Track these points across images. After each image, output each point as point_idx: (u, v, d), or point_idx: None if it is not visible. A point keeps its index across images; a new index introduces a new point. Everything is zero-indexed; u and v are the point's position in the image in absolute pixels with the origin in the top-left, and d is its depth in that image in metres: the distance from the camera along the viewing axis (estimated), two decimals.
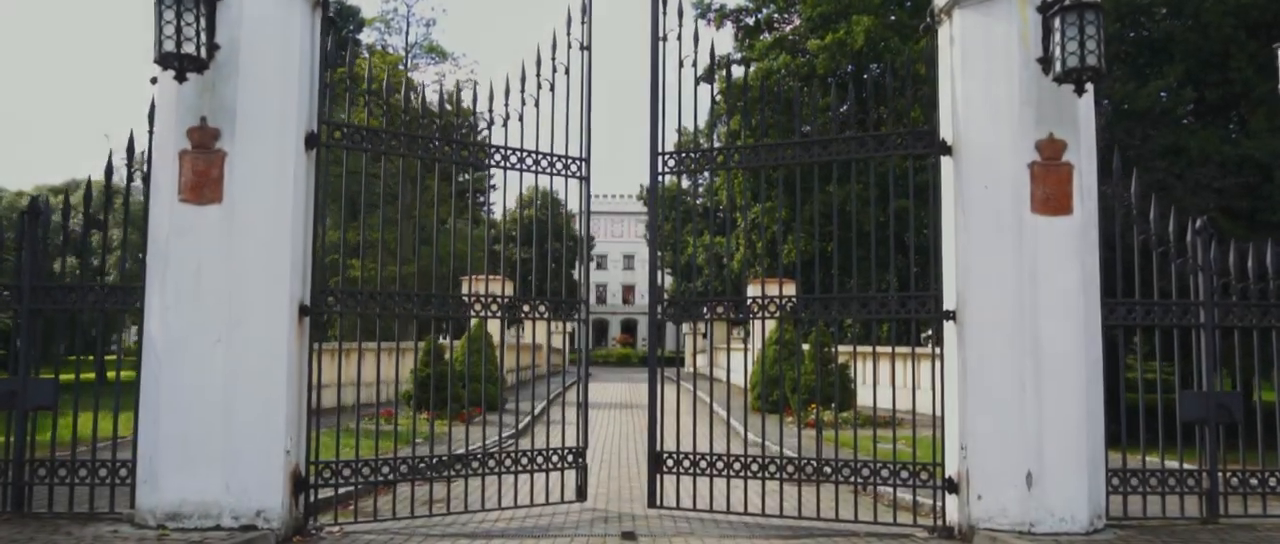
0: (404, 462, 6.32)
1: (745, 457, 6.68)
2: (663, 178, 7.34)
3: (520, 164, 7.03)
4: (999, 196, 5.93)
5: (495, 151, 7.03)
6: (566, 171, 7.23)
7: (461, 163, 6.89)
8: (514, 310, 7.00)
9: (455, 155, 6.83)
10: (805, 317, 6.86)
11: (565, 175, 7.24)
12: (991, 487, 5.80)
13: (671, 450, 6.92)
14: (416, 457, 6.38)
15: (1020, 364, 5.79)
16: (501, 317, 6.94)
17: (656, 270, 7.39)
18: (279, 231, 5.83)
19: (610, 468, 9.68)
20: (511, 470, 6.71)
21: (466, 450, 6.60)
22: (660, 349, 7.24)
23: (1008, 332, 5.84)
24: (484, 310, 6.88)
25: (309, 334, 6.07)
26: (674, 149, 7.35)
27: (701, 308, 7.07)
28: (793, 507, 6.74)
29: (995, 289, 5.90)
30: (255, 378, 5.71)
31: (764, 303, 6.82)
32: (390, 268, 18.84)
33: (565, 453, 6.98)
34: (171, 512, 5.55)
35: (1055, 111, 5.89)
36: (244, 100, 5.78)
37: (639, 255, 75.98)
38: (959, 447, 5.98)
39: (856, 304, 6.54)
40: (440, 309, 6.82)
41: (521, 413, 15.40)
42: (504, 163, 7.01)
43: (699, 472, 6.77)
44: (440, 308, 6.84)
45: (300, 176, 5.99)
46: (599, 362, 56.81)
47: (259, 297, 5.77)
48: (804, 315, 6.85)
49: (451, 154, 6.80)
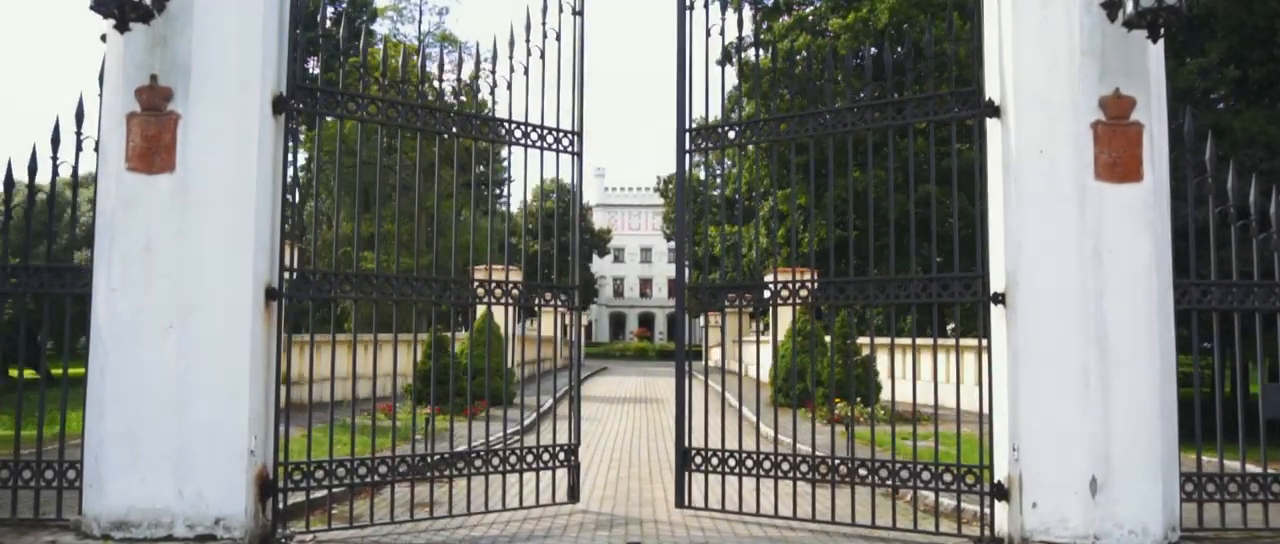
0: (383, 462, 5.67)
1: (775, 455, 6.04)
2: (690, 156, 6.70)
3: (508, 136, 6.37)
4: (1057, 162, 5.18)
5: (480, 122, 6.36)
6: (557, 146, 6.56)
7: (445, 132, 6.21)
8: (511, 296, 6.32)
9: (439, 124, 6.16)
10: (834, 303, 6.13)
11: (556, 150, 6.57)
12: (1049, 493, 5.06)
13: (700, 447, 6.31)
14: (396, 456, 5.73)
15: (1083, 353, 5.05)
16: (490, 304, 6.27)
17: (685, 255, 6.71)
18: (241, 205, 5.19)
19: (620, 467, 9.01)
20: (500, 470, 6.06)
21: (451, 449, 5.96)
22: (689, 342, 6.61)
23: (1068, 316, 5.10)
24: (482, 296, 6.22)
25: (279, 320, 5.43)
26: (701, 125, 6.69)
27: (727, 294, 6.42)
28: (824, 510, 6.05)
29: (1052, 268, 5.16)
30: (214, 369, 5.08)
31: (795, 288, 6.13)
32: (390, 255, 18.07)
33: (556, 450, 6.33)
34: (117, 520, 4.93)
35: (1122, 63, 5.13)
36: (201, 57, 5.14)
37: (656, 248, 75.31)
38: (1010, 448, 5.25)
39: (894, 287, 5.82)
40: (432, 293, 6.13)
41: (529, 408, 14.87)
42: (490, 134, 6.35)
43: (728, 470, 6.23)
44: (433, 292, 6.15)
45: (267, 144, 5.34)
46: (616, 355, 56.23)
47: (218, 278, 5.13)
48: (834, 301, 6.12)
49: (434, 123, 6.13)
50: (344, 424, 9.54)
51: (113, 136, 5.14)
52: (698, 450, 6.38)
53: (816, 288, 6.20)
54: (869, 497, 5.76)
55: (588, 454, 9.88)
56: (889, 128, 5.97)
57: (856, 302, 5.99)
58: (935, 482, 5.60)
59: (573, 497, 6.48)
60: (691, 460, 6.42)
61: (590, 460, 9.42)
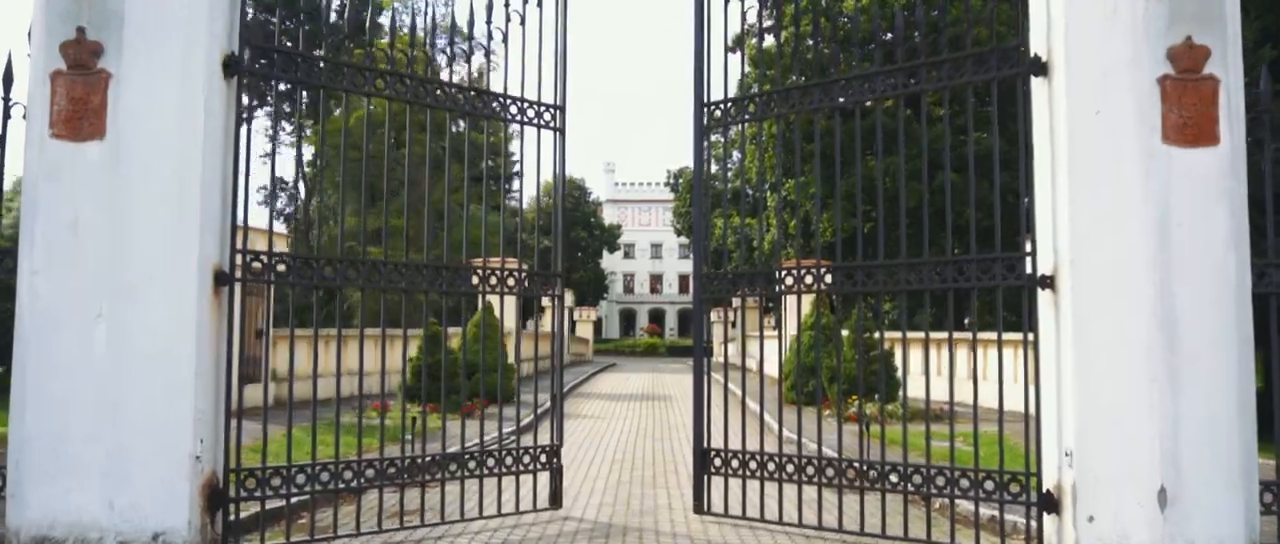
0: (348, 467, 5.05)
1: (799, 458, 5.41)
2: (708, 133, 6.11)
3: (484, 108, 5.74)
4: (1117, 123, 4.49)
5: (454, 92, 5.72)
6: (537, 120, 5.93)
7: (415, 102, 5.56)
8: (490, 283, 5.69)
9: (409, 93, 5.52)
10: (855, 290, 5.47)
11: (537, 125, 5.94)
12: (1108, 505, 4.38)
13: (719, 448, 5.69)
14: (362, 461, 5.11)
15: (1148, 342, 4.36)
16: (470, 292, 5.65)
17: (703, 241, 6.07)
18: (185, 178, 4.56)
19: (622, 469, 8.36)
20: (475, 475, 5.44)
21: (423, 453, 5.33)
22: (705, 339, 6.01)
23: (1129, 300, 4.41)
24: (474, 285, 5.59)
25: (230, 307, 4.81)
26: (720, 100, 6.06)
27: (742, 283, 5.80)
28: (852, 518, 5.42)
29: (1111, 245, 4.47)
30: (152, 363, 4.46)
31: (818, 274, 5.50)
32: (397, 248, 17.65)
33: (537, 452, 5.70)
34: (38, 535, 4.32)
35: (1193, 6, 4.44)
36: (136, 8, 4.52)
37: (667, 243, 74.71)
38: (1062, 452, 4.57)
39: (929, 270, 5.14)
40: (404, 279, 5.48)
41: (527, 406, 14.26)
42: (467, 106, 5.72)
43: (749, 474, 5.63)
44: (405, 278, 5.49)
45: (217, 110, 4.71)
46: (626, 351, 55.62)
47: (157, 260, 4.51)
48: (858, 288, 5.45)
49: (404, 92, 5.49)
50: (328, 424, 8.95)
51: (37, 99, 4.53)
52: (717, 452, 5.77)
53: (837, 273, 5.55)
54: (901, 505, 5.11)
55: (588, 456, 9.24)
56: (921, 92, 5.29)
57: (881, 288, 5.33)
58: (975, 490, 4.93)
59: (555, 502, 5.88)
60: (711, 462, 5.81)
61: (591, 463, 8.78)
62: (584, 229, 61.31)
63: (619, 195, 77.03)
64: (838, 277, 5.58)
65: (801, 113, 5.77)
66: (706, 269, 6.05)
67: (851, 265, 5.50)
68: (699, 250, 6.10)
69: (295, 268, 5.03)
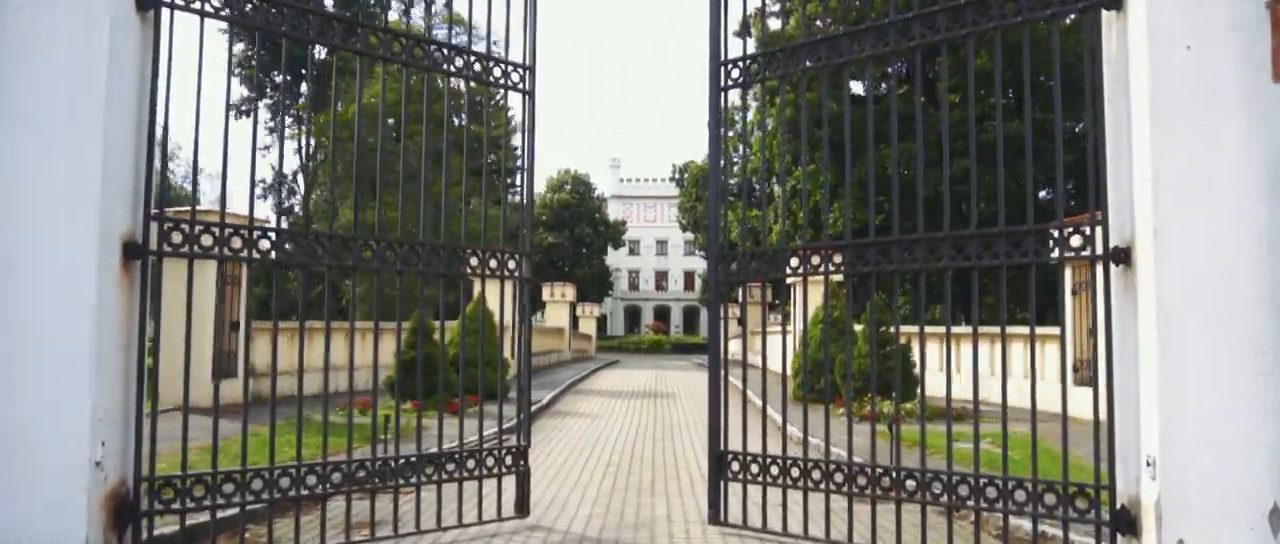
0: (285, 474, 4.28)
1: (826, 463, 4.62)
2: (726, 93, 5.35)
3: (444, 63, 4.97)
4: (1211, 61, 3.68)
5: (413, 45, 4.93)
6: (505, 81, 5.17)
7: (368, 54, 4.78)
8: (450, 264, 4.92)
9: (361, 41, 4.73)
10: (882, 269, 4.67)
11: (503, 85, 5.19)
12: (1204, 526, 3.58)
13: (737, 451, 4.92)
14: (302, 466, 4.33)
15: (1255, 330, 3.56)
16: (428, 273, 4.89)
17: (719, 216, 5.28)
18: (83, 130, 3.78)
19: (618, 474, 7.57)
20: (433, 480, 4.67)
21: (374, 457, 4.56)
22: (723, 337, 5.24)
23: (1231, 278, 3.60)
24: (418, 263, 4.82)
25: (144, 284, 4.03)
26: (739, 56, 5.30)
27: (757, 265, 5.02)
28: (887, 532, 4.64)
29: (1207, 211, 3.66)
30: (41, 352, 3.69)
31: (826, 256, 4.68)
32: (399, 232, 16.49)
33: (502, 455, 4.93)
34: None
35: None
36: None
37: (672, 240, 73.96)
38: (1141, 461, 3.77)
39: (976, 244, 4.34)
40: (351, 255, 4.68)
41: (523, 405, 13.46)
42: (425, 60, 4.94)
43: (770, 480, 4.89)
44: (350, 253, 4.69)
45: (127, 50, 3.95)
46: (630, 348, 54.87)
47: (47, 228, 3.74)
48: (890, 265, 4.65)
49: (355, 42, 4.70)
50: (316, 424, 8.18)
51: None
52: (735, 455, 4.99)
53: (847, 254, 4.76)
54: (942, 520, 4.31)
55: (582, 459, 8.46)
56: (969, 35, 4.48)
57: (950, 260, 4.48)
58: (1033, 504, 4.13)
59: (521, 510, 5.13)
60: (727, 467, 5.04)
61: (584, 466, 8.00)
62: (589, 225, 60.55)
63: (624, 191, 76.26)
64: (847, 257, 4.79)
65: (844, 61, 4.91)
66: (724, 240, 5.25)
67: (862, 243, 4.70)
68: (715, 227, 5.30)
69: (224, 239, 4.25)
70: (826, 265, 4.80)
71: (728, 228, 5.48)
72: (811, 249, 4.89)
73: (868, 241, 4.72)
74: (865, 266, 4.67)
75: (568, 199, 60.18)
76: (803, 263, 4.88)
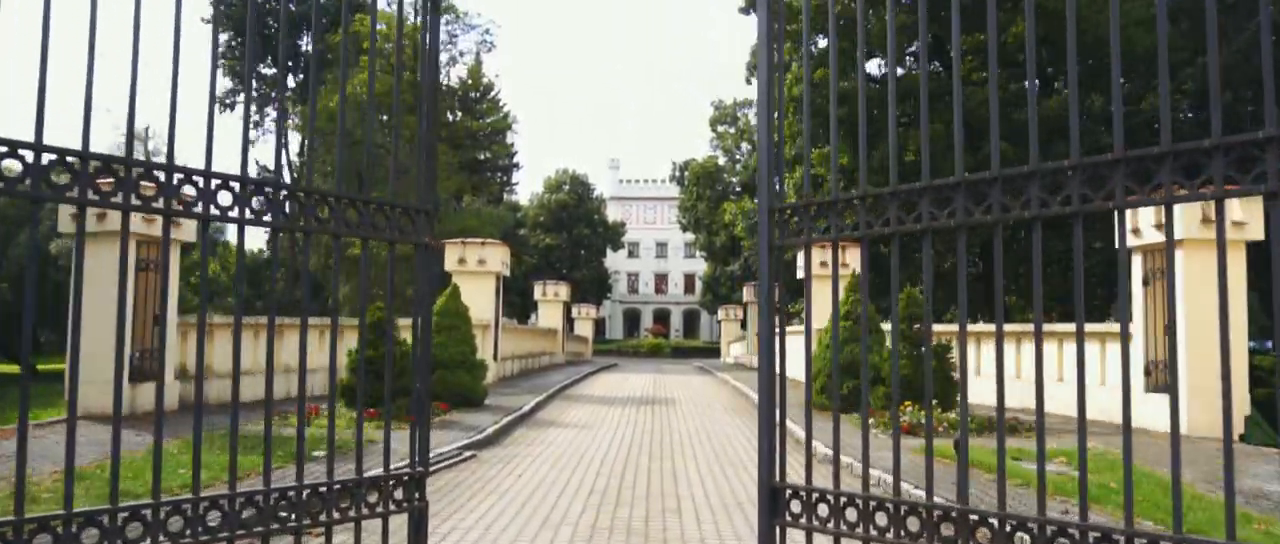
0: (138, 517, 2.60)
1: (930, 511, 2.88)
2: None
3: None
4: None
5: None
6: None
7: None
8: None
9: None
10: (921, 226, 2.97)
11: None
12: None
13: (798, 486, 3.21)
14: (160, 503, 2.64)
15: None
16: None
17: (771, 154, 3.52)
18: None
19: (603, 506, 5.88)
20: (288, 524, 2.97)
21: (231, 492, 2.85)
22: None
23: None
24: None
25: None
26: None
27: (835, 212, 3.27)
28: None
29: None
30: None
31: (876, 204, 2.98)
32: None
33: (388, 486, 3.23)
34: None
35: None
36: None
37: (672, 242, 72.41)
38: None
39: (1123, 173, 2.62)
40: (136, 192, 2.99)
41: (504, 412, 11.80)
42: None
43: (846, 527, 3.07)
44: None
45: None
46: (629, 352, 53.18)
47: None
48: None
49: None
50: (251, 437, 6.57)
51: None
52: (795, 492, 3.25)
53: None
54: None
55: (559, 482, 6.77)
56: None
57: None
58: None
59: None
60: (785, 507, 3.29)
61: (561, 492, 6.32)
62: (587, 226, 58.95)
63: (623, 192, 74.66)
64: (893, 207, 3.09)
65: None
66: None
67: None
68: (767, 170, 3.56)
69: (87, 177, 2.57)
70: (924, 214, 3.09)
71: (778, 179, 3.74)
72: (905, 193, 3.19)
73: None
74: (983, 211, 2.97)
75: (566, 200, 58.60)
76: (893, 210, 3.17)
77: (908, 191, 3.09)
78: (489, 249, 17.73)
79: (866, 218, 3.18)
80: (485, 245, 17.81)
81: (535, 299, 34.76)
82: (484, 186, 44.51)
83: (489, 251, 17.63)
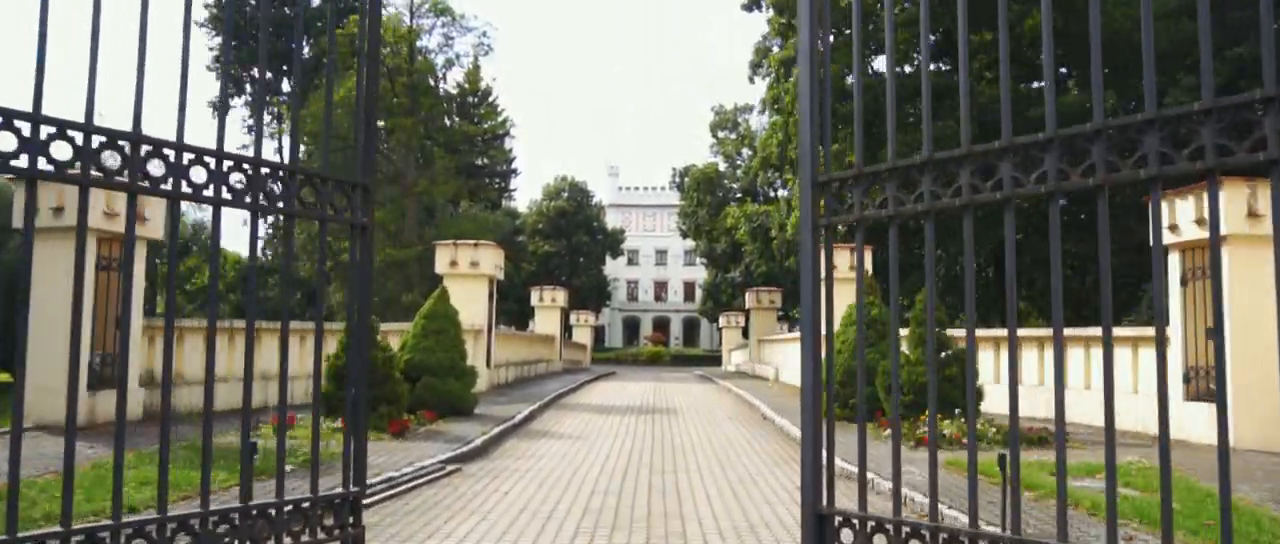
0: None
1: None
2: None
3: None
4: None
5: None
6: None
7: None
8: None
9: None
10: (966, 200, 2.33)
11: None
12: None
13: (848, 512, 2.54)
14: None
15: None
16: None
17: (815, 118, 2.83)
18: None
19: (597, 529, 5.20)
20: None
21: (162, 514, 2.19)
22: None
23: None
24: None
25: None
26: None
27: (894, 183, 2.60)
28: None
29: None
30: None
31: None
32: None
33: (318, 510, 2.57)
34: None
35: None
36: None
37: (672, 250, 71.78)
38: None
39: (1213, 126, 1.94)
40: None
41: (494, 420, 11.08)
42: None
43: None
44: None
45: None
46: (628, 360, 52.44)
47: None
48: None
49: None
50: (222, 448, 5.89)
51: None
52: (847, 519, 2.59)
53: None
54: None
55: (549, 501, 6.07)
56: None
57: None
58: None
59: None
60: (835, 535, 2.62)
61: (549, 514, 5.63)
62: (586, 233, 58.30)
63: (623, 200, 74.03)
64: (966, 172, 2.44)
65: None
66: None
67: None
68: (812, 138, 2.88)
69: None
70: (1006, 179, 2.43)
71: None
72: (981, 154, 2.52)
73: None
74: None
75: (565, 206, 57.98)
76: (966, 178, 2.50)
77: (985, 152, 2.42)
78: (482, 251, 17.02)
79: (932, 188, 2.51)
80: (478, 246, 17.11)
81: (532, 305, 34.09)
82: (481, 192, 43.86)
83: (482, 253, 16.92)
